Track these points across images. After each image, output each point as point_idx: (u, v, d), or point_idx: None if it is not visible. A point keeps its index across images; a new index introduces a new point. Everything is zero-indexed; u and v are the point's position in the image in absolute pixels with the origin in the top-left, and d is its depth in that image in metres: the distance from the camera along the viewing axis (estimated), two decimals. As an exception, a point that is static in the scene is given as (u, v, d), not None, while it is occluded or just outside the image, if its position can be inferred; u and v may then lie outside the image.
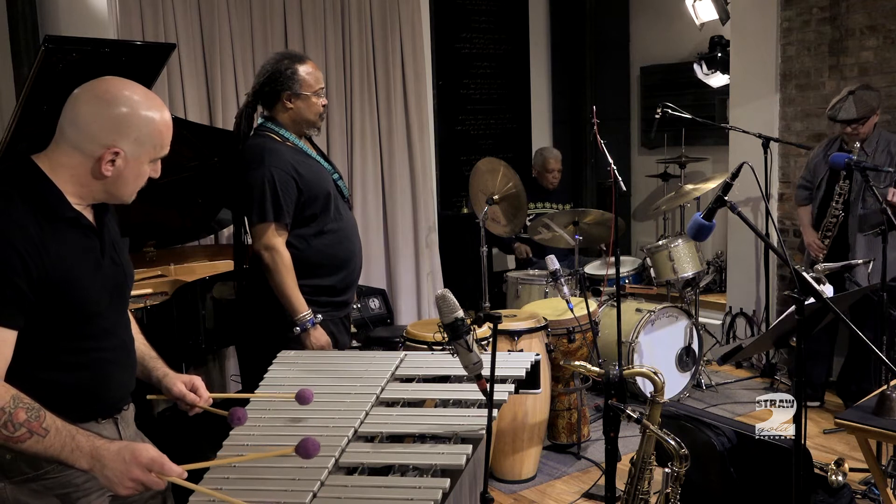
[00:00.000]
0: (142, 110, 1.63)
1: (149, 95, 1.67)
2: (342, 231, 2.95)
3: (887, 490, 2.74)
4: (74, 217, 1.64)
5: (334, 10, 4.83)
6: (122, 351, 1.80)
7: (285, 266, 2.79)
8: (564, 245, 4.71)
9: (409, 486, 1.65)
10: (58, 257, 1.60)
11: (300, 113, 2.87)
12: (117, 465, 1.53)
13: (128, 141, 1.62)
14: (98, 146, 1.61)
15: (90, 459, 1.53)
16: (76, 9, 4.01)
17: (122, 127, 1.61)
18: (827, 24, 4.77)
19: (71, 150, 1.62)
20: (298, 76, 2.85)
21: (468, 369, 1.78)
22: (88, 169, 1.63)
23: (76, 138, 1.61)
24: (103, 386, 1.73)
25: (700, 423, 2.92)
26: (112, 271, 1.74)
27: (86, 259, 1.67)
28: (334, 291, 2.95)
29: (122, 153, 1.62)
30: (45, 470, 1.62)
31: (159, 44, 3.88)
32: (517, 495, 3.57)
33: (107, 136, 1.60)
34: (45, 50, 2.56)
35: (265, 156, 2.78)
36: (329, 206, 2.89)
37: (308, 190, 2.83)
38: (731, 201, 2.18)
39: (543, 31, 6.79)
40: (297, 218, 2.85)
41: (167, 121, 1.68)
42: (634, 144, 6.99)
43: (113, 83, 1.65)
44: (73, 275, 1.63)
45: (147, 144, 1.65)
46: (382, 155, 5.11)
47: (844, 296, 2.99)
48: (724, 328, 5.40)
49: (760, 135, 4.75)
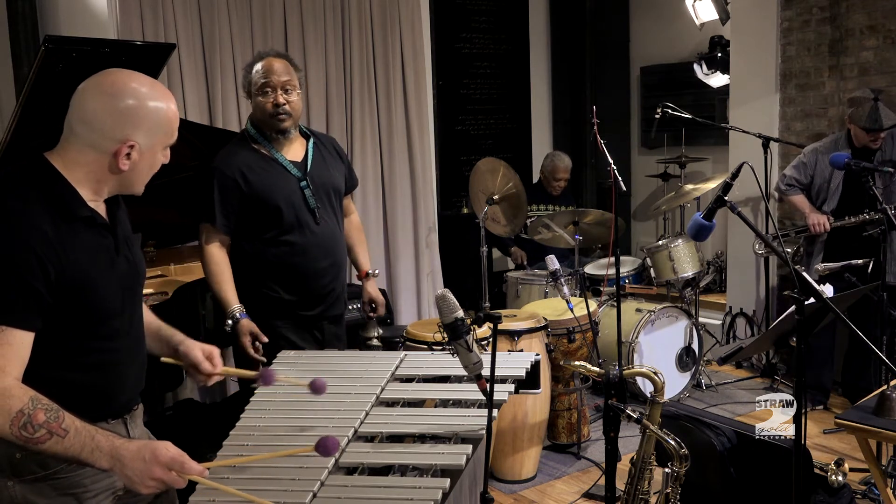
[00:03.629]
0: (150, 100, 1.61)
1: (154, 84, 1.65)
2: (305, 245, 2.83)
3: (887, 490, 2.74)
4: (90, 216, 1.63)
5: (334, 10, 4.83)
6: (135, 349, 1.79)
7: (215, 265, 2.79)
8: (564, 245, 4.71)
9: (409, 486, 1.65)
10: (75, 258, 1.58)
11: (255, 113, 2.84)
12: (137, 464, 1.52)
13: (141, 132, 1.61)
14: (113, 141, 1.59)
15: (110, 459, 1.53)
16: (76, 9, 4.01)
17: (134, 119, 1.59)
18: (827, 24, 4.77)
19: (84, 147, 1.60)
20: (249, 76, 2.82)
21: (468, 369, 1.78)
22: (105, 165, 1.61)
23: (88, 135, 1.59)
24: (117, 386, 1.73)
25: (700, 423, 2.92)
26: (126, 269, 1.72)
27: (101, 258, 1.66)
28: (297, 304, 2.87)
29: (137, 145, 1.61)
30: (54, 470, 1.61)
31: (159, 44, 3.88)
32: (517, 495, 3.57)
33: (120, 131, 1.59)
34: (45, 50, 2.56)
35: (218, 156, 2.81)
36: (282, 218, 2.79)
37: (254, 194, 2.76)
38: (731, 201, 2.18)
39: (543, 31, 6.79)
40: (245, 223, 2.81)
41: (174, 108, 1.68)
42: (634, 144, 6.99)
43: (118, 75, 1.63)
44: (89, 276, 1.61)
45: (159, 133, 1.64)
46: (382, 155, 5.11)
47: (844, 296, 2.98)
48: (724, 328, 5.40)
49: (760, 135, 4.75)
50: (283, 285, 2.85)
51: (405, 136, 5.19)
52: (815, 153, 4.29)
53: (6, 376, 1.51)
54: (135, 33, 4.09)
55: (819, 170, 4.25)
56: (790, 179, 4.35)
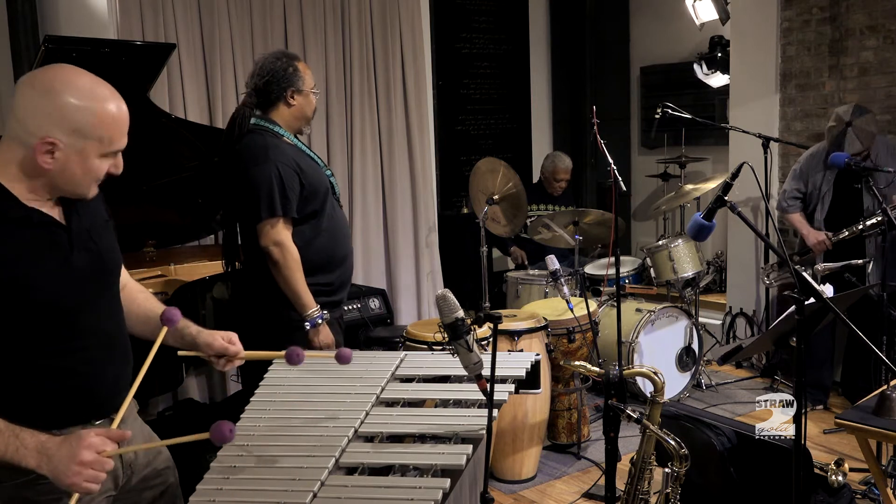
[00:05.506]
0: (82, 101, 1.53)
1: (95, 86, 1.56)
2: (337, 229, 2.96)
3: (887, 490, 2.74)
4: (24, 216, 1.56)
5: (334, 10, 4.83)
6: (111, 343, 1.72)
7: (295, 261, 2.78)
8: (564, 245, 4.71)
9: (409, 486, 1.65)
10: (6, 260, 1.51)
11: (301, 109, 2.91)
12: (63, 452, 1.46)
13: (64, 132, 1.52)
14: (33, 136, 1.52)
15: (37, 456, 1.47)
16: (76, 9, 4.01)
17: (58, 117, 1.52)
18: (827, 24, 4.77)
19: (14, 143, 1.55)
20: (300, 73, 2.89)
21: (468, 369, 1.78)
22: (32, 162, 1.54)
23: (16, 130, 1.54)
24: (96, 384, 1.66)
25: (700, 423, 2.92)
26: (86, 262, 1.65)
27: (48, 256, 1.58)
28: (330, 290, 2.95)
29: (60, 144, 1.53)
30: (34, 474, 1.52)
31: (159, 44, 3.89)
32: (517, 495, 3.57)
33: (40, 127, 1.52)
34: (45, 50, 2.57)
35: (269, 152, 2.78)
36: (326, 203, 2.91)
37: (310, 185, 2.83)
38: (731, 201, 2.18)
39: (543, 31, 6.79)
40: (300, 214, 2.84)
41: (113, 113, 1.57)
42: (634, 144, 6.99)
43: (55, 71, 1.57)
44: (30, 275, 1.54)
45: (90, 137, 1.55)
46: (382, 155, 5.11)
47: (844, 296, 2.98)
48: (724, 328, 5.40)
49: (760, 135, 4.75)
50: (324, 272, 2.92)
51: (405, 136, 5.18)
52: (808, 158, 4.31)
53: None
54: (135, 33, 4.09)
55: (811, 175, 4.26)
56: (791, 193, 4.35)
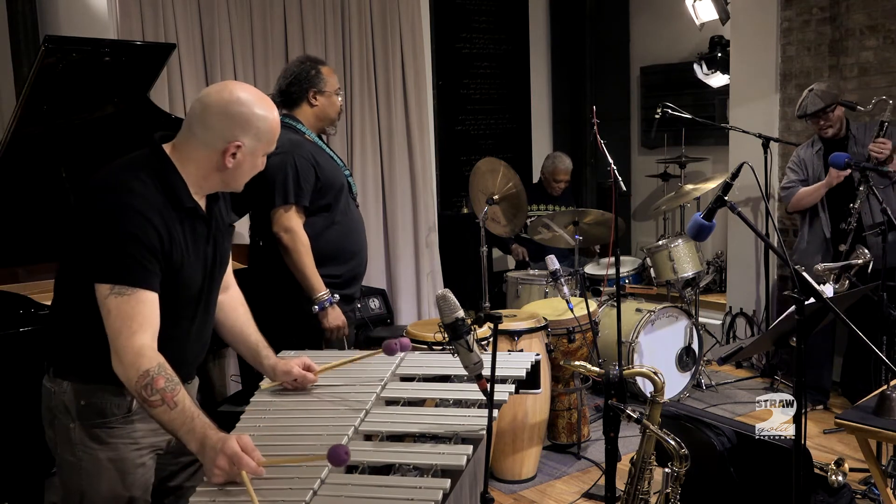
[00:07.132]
0: (258, 109, 1.84)
1: (262, 97, 1.87)
2: (350, 225, 3.09)
3: (887, 490, 2.74)
4: (193, 207, 1.85)
5: (334, 10, 4.83)
6: (203, 329, 1.99)
7: (304, 246, 2.92)
8: (564, 245, 4.71)
9: (409, 485, 1.65)
10: (177, 243, 1.80)
11: (324, 109, 3.06)
12: (210, 452, 1.65)
13: (248, 136, 1.83)
14: (223, 140, 1.82)
15: (198, 444, 1.68)
16: (76, 9, 4.01)
17: (244, 123, 1.82)
18: (827, 24, 4.77)
19: (199, 145, 1.83)
20: (323, 75, 3.05)
21: (468, 369, 1.78)
22: (213, 162, 1.84)
23: (203, 135, 1.82)
24: (178, 360, 1.82)
25: (700, 423, 2.92)
26: (210, 257, 1.92)
27: (196, 245, 1.87)
28: (340, 283, 3.05)
29: (243, 146, 1.83)
30: (110, 419, 1.84)
31: (159, 44, 3.88)
32: (517, 495, 3.57)
33: (230, 132, 1.81)
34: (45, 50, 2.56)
35: (287, 144, 2.90)
36: (340, 199, 3.04)
37: (325, 179, 2.97)
38: (731, 201, 2.18)
39: (543, 31, 6.80)
40: (312, 206, 2.97)
41: (277, 119, 1.90)
42: (634, 144, 6.99)
43: (234, 86, 1.87)
44: (185, 260, 1.83)
45: (263, 140, 1.86)
46: (382, 155, 5.11)
47: (844, 296, 2.98)
48: (724, 328, 5.40)
49: (760, 135, 4.75)
50: (336, 264, 3.03)
51: (405, 136, 5.18)
52: (801, 149, 4.34)
53: (141, 335, 1.70)
54: (135, 33, 4.09)
55: (808, 165, 4.28)
56: (789, 182, 4.34)
